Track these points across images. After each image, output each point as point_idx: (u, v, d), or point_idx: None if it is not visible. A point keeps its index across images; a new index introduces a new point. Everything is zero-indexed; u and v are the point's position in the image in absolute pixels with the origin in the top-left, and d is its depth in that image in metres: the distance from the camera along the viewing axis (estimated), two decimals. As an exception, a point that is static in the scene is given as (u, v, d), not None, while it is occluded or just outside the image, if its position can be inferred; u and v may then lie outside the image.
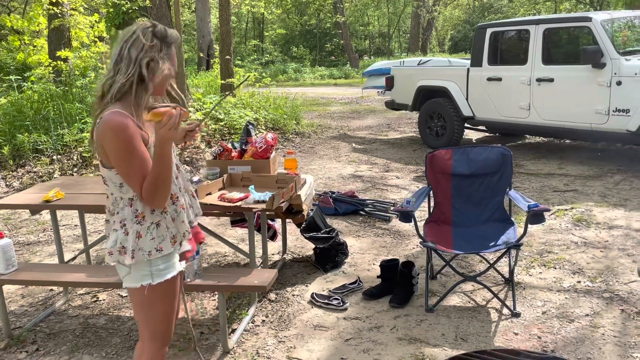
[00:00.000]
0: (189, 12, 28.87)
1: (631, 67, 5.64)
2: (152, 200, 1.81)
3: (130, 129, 1.74)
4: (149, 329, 2.00)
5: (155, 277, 1.90)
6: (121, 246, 1.86)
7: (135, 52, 1.77)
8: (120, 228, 1.86)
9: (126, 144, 1.74)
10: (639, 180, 5.62)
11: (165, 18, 8.86)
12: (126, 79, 1.77)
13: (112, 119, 1.73)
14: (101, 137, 1.76)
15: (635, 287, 3.34)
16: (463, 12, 33.89)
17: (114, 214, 1.88)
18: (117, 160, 1.77)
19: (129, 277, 1.91)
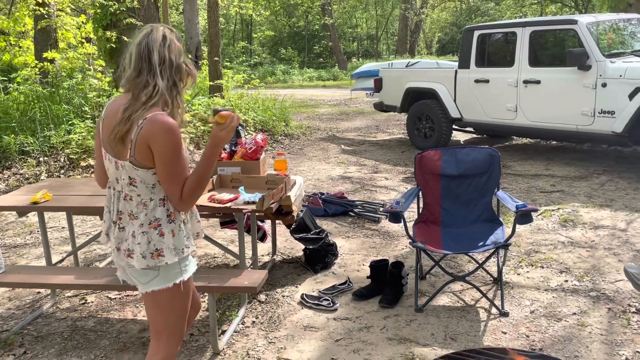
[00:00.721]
0: (177, 14, 28.75)
1: (616, 69, 5.72)
2: (189, 201, 1.86)
3: (179, 132, 1.80)
4: (168, 328, 2.01)
5: (185, 273, 1.96)
6: (155, 249, 1.87)
7: (175, 57, 1.85)
8: (154, 229, 1.87)
9: (176, 146, 1.79)
10: (624, 181, 5.70)
11: (153, 19, 8.82)
12: (168, 82, 1.83)
13: (165, 121, 1.78)
14: (150, 136, 1.77)
15: (621, 286, 3.39)
16: (450, 14, 34.12)
17: (138, 218, 1.88)
18: (164, 161, 1.80)
19: (157, 280, 1.91)
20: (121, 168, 1.86)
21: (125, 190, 1.89)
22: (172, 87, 1.85)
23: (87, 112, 7.89)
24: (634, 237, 4.16)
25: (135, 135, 1.78)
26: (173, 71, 1.85)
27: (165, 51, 1.83)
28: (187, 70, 1.90)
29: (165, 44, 1.84)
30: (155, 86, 1.81)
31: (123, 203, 1.91)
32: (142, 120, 1.78)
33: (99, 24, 8.54)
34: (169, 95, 1.84)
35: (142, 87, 1.81)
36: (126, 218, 1.91)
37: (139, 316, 3.33)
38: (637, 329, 2.91)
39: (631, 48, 6.31)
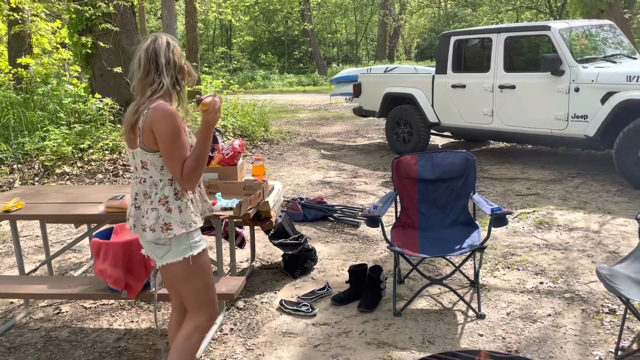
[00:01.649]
0: (155, 19, 28.54)
1: (588, 74, 5.85)
2: (190, 179, 2.11)
3: (179, 117, 2.10)
4: (194, 300, 2.25)
5: (194, 248, 2.19)
6: (164, 223, 2.12)
7: (178, 59, 2.16)
8: (162, 206, 2.13)
9: (176, 128, 2.06)
10: (597, 183, 5.82)
11: (130, 24, 8.74)
12: (172, 79, 2.13)
13: (166, 107, 2.07)
14: (152, 121, 2.06)
15: (595, 287, 3.45)
16: (429, 20, 34.47)
17: (150, 197, 2.14)
18: (165, 143, 2.07)
19: (170, 254, 2.16)
20: (135, 155, 2.16)
21: (140, 174, 2.17)
22: (176, 84, 2.16)
23: (63, 119, 7.78)
24: (607, 239, 4.24)
25: (142, 123, 2.08)
26: (176, 71, 2.15)
27: (169, 54, 2.14)
28: (188, 71, 2.22)
29: (170, 48, 2.15)
30: (161, 83, 2.11)
31: (139, 186, 2.18)
32: (147, 110, 2.08)
33: (74, 29, 8.43)
34: (174, 91, 2.16)
35: (149, 84, 2.11)
36: (141, 198, 2.17)
37: (115, 325, 3.28)
38: (610, 329, 2.96)
39: (603, 54, 6.46)
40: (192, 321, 2.27)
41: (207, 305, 2.29)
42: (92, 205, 3.35)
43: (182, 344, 2.24)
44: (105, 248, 2.78)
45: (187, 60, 2.23)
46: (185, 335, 2.26)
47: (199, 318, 2.27)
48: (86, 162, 7.08)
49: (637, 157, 5.41)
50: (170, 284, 2.32)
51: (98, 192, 3.74)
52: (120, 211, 3.14)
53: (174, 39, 2.21)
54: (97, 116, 7.90)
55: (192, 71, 2.26)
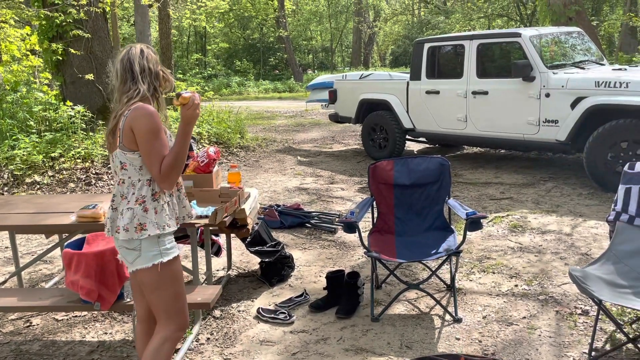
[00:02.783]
0: (128, 25, 28.21)
1: (558, 80, 5.98)
2: (168, 176, 2.13)
3: (158, 117, 2.13)
4: (163, 309, 2.22)
5: (165, 255, 2.17)
6: (138, 222, 2.12)
7: (153, 66, 2.20)
8: (139, 205, 2.13)
9: (155, 127, 2.10)
10: (568, 187, 5.93)
11: (102, 31, 8.62)
12: (149, 86, 2.18)
13: (145, 107, 2.11)
14: (132, 121, 2.09)
15: (568, 289, 3.51)
16: (403, 27, 34.85)
17: (126, 197, 2.15)
18: (144, 140, 2.09)
19: (140, 259, 2.15)
20: (115, 157, 2.18)
21: (119, 175, 2.18)
22: (154, 91, 2.20)
23: (33, 127, 7.61)
24: (579, 241, 4.33)
25: (123, 123, 2.12)
26: (152, 77, 2.19)
27: (143, 62, 2.18)
28: (164, 77, 2.26)
29: (144, 56, 2.19)
30: (137, 89, 2.15)
31: (118, 188, 2.19)
32: (127, 110, 2.12)
33: (44, 35, 8.27)
34: (153, 98, 2.19)
35: (126, 92, 2.16)
36: (118, 199, 2.18)
37: (87, 337, 3.20)
38: (584, 330, 3.01)
39: (572, 60, 6.61)
40: (162, 332, 2.23)
41: (177, 315, 2.25)
42: (63, 214, 3.28)
43: (152, 356, 2.20)
44: (77, 258, 2.72)
45: (163, 67, 2.28)
46: (155, 346, 2.22)
47: (169, 328, 2.23)
48: (57, 171, 6.93)
49: (607, 161, 5.54)
50: (139, 291, 2.29)
51: (69, 201, 3.66)
52: (93, 220, 3.07)
53: (149, 47, 2.25)
54: (69, 124, 7.75)
55: (169, 77, 2.30)
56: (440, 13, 27.81)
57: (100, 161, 7.34)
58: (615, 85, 5.51)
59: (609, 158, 5.53)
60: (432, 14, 30.19)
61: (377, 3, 32.70)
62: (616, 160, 5.48)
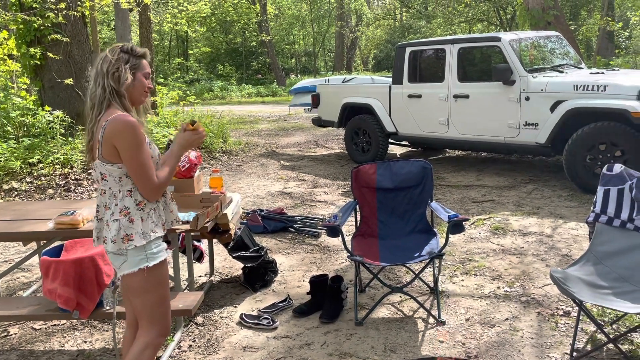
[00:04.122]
0: (109, 30, 27.95)
1: (538, 83, 6.05)
2: (158, 191, 2.15)
3: (140, 128, 2.09)
4: (147, 313, 2.22)
5: (151, 259, 2.17)
6: (125, 234, 2.12)
7: (106, 67, 2.11)
8: (124, 217, 2.12)
9: (138, 139, 2.07)
10: (549, 189, 6.00)
11: (81, 35, 8.51)
12: (102, 89, 2.10)
13: (125, 118, 2.06)
14: (112, 134, 2.05)
15: (550, 290, 3.54)
16: (385, 32, 35.08)
17: (110, 208, 2.14)
18: (128, 157, 2.07)
19: (126, 264, 2.15)
20: (95, 168, 2.16)
21: (100, 185, 2.18)
22: (113, 94, 2.10)
23: (10, 132, 7.47)
24: (559, 243, 4.37)
25: (101, 135, 2.07)
26: (106, 80, 2.10)
27: (99, 64, 2.12)
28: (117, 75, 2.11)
29: (102, 58, 2.14)
30: (95, 96, 2.11)
31: (100, 198, 2.19)
32: (105, 121, 2.07)
33: (22, 40, 8.13)
34: (114, 100, 2.11)
35: (90, 97, 2.14)
36: (102, 210, 2.18)
37: (67, 346, 3.14)
38: (565, 331, 3.04)
39: (551, 63, 6.70)
40: (144, 337, 2.22)
41: (160, 321, 2.25)
42: (40, 221, 3.21)
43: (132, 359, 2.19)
44: (55, 266, 2.66)
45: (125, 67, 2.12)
46: (136, 352, 2.20)
47: (150, 333, 2.22)
48: (36, 177, 6.81)
49: (586, 163, 5.62)
50: (127, 296, 2.30)
51: (47, 207, 3.60)
52: (71, 227, 3.02)
53: (115, 48, 2.16)
54: (47, 129, 7.62)
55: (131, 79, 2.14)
56: (422, 18, 28.05)
57: (80, 167, 7.23)
58: (593, 88, 5.60)
59: (587, 160, 5.61)
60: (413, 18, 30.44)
61: (359, 8, 32.87)
62: (595, 162, 5.57)
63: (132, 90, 2.16)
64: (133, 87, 2.15)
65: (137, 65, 2.16)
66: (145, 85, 2.20)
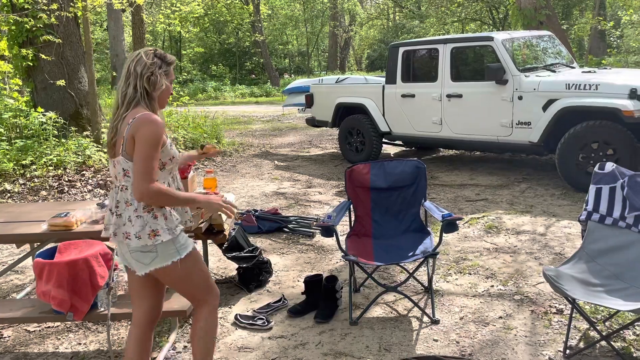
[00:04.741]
0: (101, 30, 27.84)
1: (530, 82, 6.08)
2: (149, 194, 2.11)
3: (163, 129, 2.17)
4: (194, 297, 2.35)
5: (182, 251, 2.25)
6: (150, 230, 2.17)
7: (140, 69, 2.19)
8: (148, 213, 2.18)
9: (157, 139, 2.13)
10: (542, 187, 6.04)
11: (74, 36, 8.48)
12: (134, 89, 2.18)
13: (152, 117, 2.15)
14: (136, 129, 2.12)
15: (543, 288, 3.56)
16: (378, 32, 35.11)
17: (132, 204, 2.19)
18: (140, 148, 2.11)
19: (158, 260, 2.20)
20: (117, 164, 2.22)
21: (122, 182, 2.22)
22: (144, 95, 2.19)
23: (3, 134, 7.43)
24: (552, 241, 4.40)
25: (127, 131, 2.14)
26: (143, 81, 2.18)
27: (132, 65, 2.19)
28: (154, 80, 2.21)
29: (135, 59, 2.21)
30: (126, 95, 2.18)
31: (120, 194, 2.22)
32: (132, 118, 2.15)
33: (14, 41, 8.09)
34: (144, 102, 2.20)
35: (119, 95, 2.21)
36: (122, 206, 2.21)
37: (61, 349, 3.13)
38: (558, 329, 3.06)
39: (543, 63, 6.74)
40: (204, 307, 2.36)
41: (209, 292, 2.38)
42: (34, 223, 3.20)
43: (205, 332, 2.35)
44: (48, 268, 2.66)
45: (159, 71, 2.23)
46: (204, 322, 2.35)
47: (208, 303, 2.36)
48: (29, 179, 6.78)
49: (578, 162, 5.66)
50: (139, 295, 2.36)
51: (41, 209, 3.58)
52: (65, 229, 3.01)
53: (152, 50, 2.26)
54: (40, 131, 7.59)
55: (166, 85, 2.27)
56: (415, 17, 28.12)
57: (73, 168, 7.21)
58: (585, 87, 5.63)
59: (580, 159, 5.65)
60: (407, 18, 30.51)
61: (353, 7, 32.89)
62: (587, 161, 5.60)
63: (161, 94, 2.27)
64: (162, 92, 2.27)
65: (167, 72, 2.28)
66: (170, 91, 2.33)
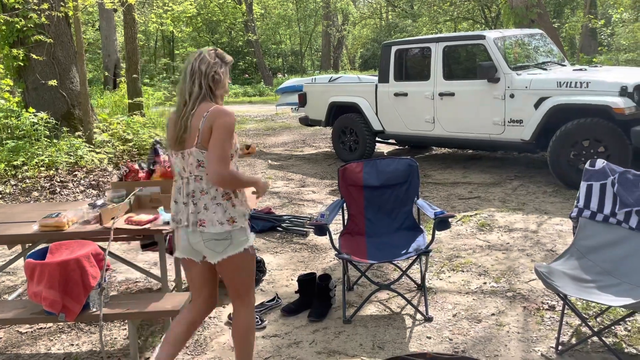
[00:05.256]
0: (93, 30, 27.69)
1: (522, 81, 6.11)
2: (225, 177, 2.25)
3: (234, 118, 2.33)
4: (247, 285, 2.47)
5: (251, 239, 2.42)
6: (230, 217, 2.32)
7: (204, 67, 2.32)
8: (227, 201, 2.33)
9: (231, 128, 2.29)
10: (534, 185, 6.07)
11: (65, 36, 8.44)
12: (199, 87, 2.31)
13: (227, 110, 2.31)
14: (213, 121, 2.26)
15: (535, 285, 3.58)
16: (371, 31, 35.12)
17: (208, 193, 2.32)
18: (217, 136, 2.25)
19: (231, 247, 2.34)
20: (188, 156, 2.31)
21: (195, 173, 2.32)
22: (208, 92, 2.33)
23: (-7, 135, 7.40)
24: (544, 238, 4.42)
25: (202, 124, 2.26)
26: (204, 79, 2.31)
27: (197, 63, 2.33)
28: (217, 79, 2.36)
29: (199, 58, 2.34)
30: (191, 92, 2.31)
31: (194, 184, 2.33)
32: (205, 112, 2.28)
33: (4, 41, 8.04)
34: (208, 98, 2.33)
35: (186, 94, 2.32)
36: (198, 195, 2.32)
37: (53, 350, 3.12)
38: (550, 325, 3.08)
39: (535, 61, 6.77)
40: (249, 306, 2.48)
41: (252, 288, 2.52)
42: (25, 224, 3.19)
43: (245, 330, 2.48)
44: (40, 269, 2.64)
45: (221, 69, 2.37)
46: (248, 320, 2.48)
47: (250, 300, 2.49)
48: (20, 179, 6.74)
49: (570, 159, 5.69)
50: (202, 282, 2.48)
51: (32, 210, 3.57)
52: (56, 229, 3.00)
53: (214, 50, 2.40)
54: (32, 131, 7.55)
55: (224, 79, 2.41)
56: (408, 16, 28.16)
57: (65, 169, 7.17)
58: (576, 85, 5.67)
59: (571, 156, 5.68)
60: (399, 17, 30.54)
61: (346, 7, 32.88)
62: (579, 158, 5.63)
63: (222, 92, 2.42)
64: (222, 90, 2.42)
65: (226, 72, 2.42)
66: (227, 90, 2.49)
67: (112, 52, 20.14)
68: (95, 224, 3.09)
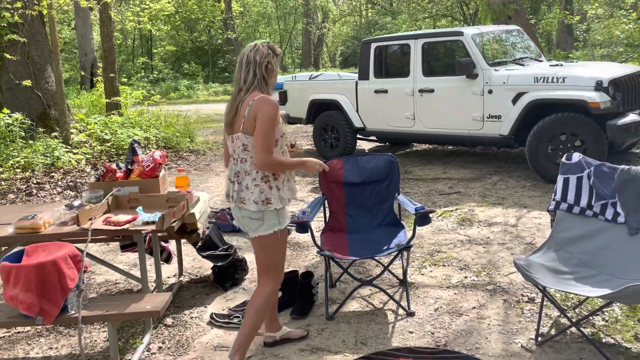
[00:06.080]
0: (69, 29, 27.25)
1: (500, 76, 6.17)
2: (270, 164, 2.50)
3: (279, 110, 2.53)
4: (272, 269, 2.67)
5: (282, 223, 2.63)
6: (265, 197, 2.54)
7: (259, 57, 2.54)
8: (265, 183, 2.55)
9: (274, 117, 2.49)
10: (513, 179, 6.14)
11: (40, 35, 8.28)
12: (253, 75, 2.52)
13: (271, 99, 2.51)
14: (258, 109, 2.47)
15: (515, 278, 3.63)
16: (351, 28, 35.16)
17: (250, 174, 2.56)
18: (261, 125, 2.46)
19: (262, 227, 2.58)
20: (236, 139, 2.56)
21: (241, 155, 2.57)
22: (261, 80, 2.54)
23: (-32, 136, 7.23)
24: (524, 232, 4.48)
25: (247, 111, 2.49)
26: (257, 68, 2.52)
27: (252, 54, 2.53)
28: (271, 68, 2.57)
29: (254, 49, 2.55)
30: (246, 80, 2.52)
31: (240, 165, 2.58)
32: (252, 100, 2.49)
33: (-23, 40, 7.87)
34: (260, 86, 2.54)
35: (241, 81, 2.55)
36: (242, 175, 2.58)
37: (32, 354, 3.06)
38: (530, 317, 3.12)
39: (512, 57, 6.84)
40: (271, 285, 2.67)
41: (281, 272, 2.73)
42: (0, 227, 3.12)
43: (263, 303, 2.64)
44: (15, 272, 2.59)
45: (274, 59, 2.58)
46: (265, 298, 2.65)
47: (276, 281, 2.70)
48: (-5, 181, 6.60)
49: (547, 153, 5.77)
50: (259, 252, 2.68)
51: (7, 212, 3.49)
52: (32, 231, 2.94)
53: (267, 43, 2.59)
54: (6, 132, 7.40)
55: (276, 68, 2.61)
56: (387, 14, 28.26)
57: (42, 170, 7.04)
58: (553, 80, 5.74)
59: (549, 150, 5.76)
60: (379, 14, 30.64)
61: (325, 4, 32.87)
62: (556, 153, 5.72)
63: (274, 81, 2.61)
64: (275, 79, 2.62)
65: (277, 62, 2.61)
66: (276, 80, 2.66)
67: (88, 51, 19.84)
68: (72, 225, 3.03)
